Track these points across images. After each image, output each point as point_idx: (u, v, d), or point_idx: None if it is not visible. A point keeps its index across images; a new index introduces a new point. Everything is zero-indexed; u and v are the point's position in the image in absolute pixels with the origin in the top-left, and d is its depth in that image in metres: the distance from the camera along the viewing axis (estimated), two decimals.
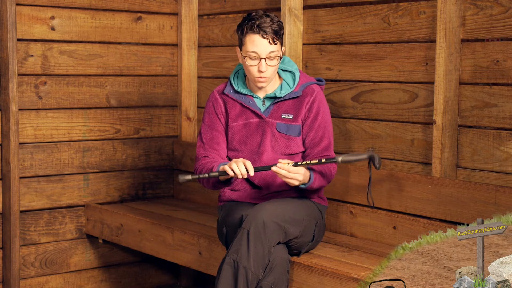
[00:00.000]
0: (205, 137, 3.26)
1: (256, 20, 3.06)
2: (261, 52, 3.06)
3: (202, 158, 3.23)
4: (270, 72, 3.11)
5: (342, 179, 3.56)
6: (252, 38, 3.06)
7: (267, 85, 3.16)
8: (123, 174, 4.47)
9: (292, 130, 3.18)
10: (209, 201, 4.40)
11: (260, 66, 3.07)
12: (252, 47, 3.07)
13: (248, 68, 3.10)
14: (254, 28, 3.05)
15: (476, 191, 3.06)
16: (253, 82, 3.15)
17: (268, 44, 3.06)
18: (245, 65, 3.11)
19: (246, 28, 3.08)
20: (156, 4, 4.52)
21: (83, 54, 4.27)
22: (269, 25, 3.05)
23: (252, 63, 3.08)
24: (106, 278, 4.46)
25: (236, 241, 2.93)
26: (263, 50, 3.06)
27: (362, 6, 3.64)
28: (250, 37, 3.07)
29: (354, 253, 3.26)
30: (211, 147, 3.24)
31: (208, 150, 3.24)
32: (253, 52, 3.06)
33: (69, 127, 4.25)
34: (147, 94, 4.52)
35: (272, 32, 3.05)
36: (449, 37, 3.20)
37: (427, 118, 3.39)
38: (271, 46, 3.06)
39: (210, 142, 3.25)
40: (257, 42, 3.06)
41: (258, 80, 3.11)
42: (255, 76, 3.11)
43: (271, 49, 3.06)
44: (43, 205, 4.20)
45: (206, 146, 3.25)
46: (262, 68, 3.07)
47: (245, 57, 3.09)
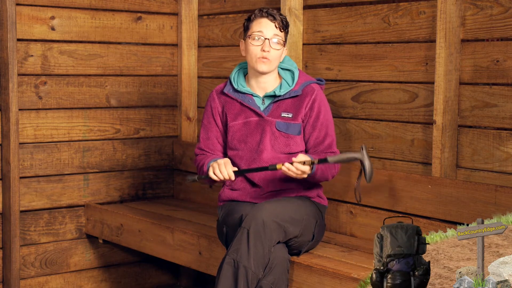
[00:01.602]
0: (202, 137, 3.34)
1: (265, 9, 3.17)
2: (267, 32, 3.13)
3: (198, 156, 3.33)
4: (273, 56, 3.14)
5: (342, 179, 3.56)
6: (260, 20, 3.15)
7: (268, 69, 3.16)
8: (123, 174, 4.47)
9: (291, 128, 3.18)
10: (209, 201, 4.40)
11: (264, 46, 3.12)
12: (258, 27, 3.14)
13: (251, 49, 3.14)
14: (263, 13, 3.15)
15: (476, 191, 3.06)
16: (255, 66, 3.15)
17: (274, 27, 3.14)
18: (248, 48, 3.16)
19: (255, 14, 3.17)
20: (156, 4, 4.52)
21: (83, 54, 4.27)
22: (277, 15, 3.16)
23: (256, 43, 3.13)
24: (106, 278, 4.46)
25: (236, 241, 2.94)
26: (269, 31, 3.13)
27: (362, 6, 3.64)
28: (257, 20, 3.16)
29: (354, 253, 3.26)
30: (207, 147, 3.32)
31: (204, 149, 3.32)
32: (259, 31, 3.13)
33: (69, 127, 4.25)
34: (147, 94, 4.52)
35: (280, 21, 3.14)
36: (449, 37, 3.20)
37: (427, 118, 3.39)
38: (277, 30, 3.14)
39: (206, 142, 3.32)
40: (264, 23, 3.13)
41: (260, 60, 3.13)
42: (257, 57, 3.13)
43: (277, 32, 3.14)
44: (43, 205, 4.20)
45: (202, 145, 3.33)
46: (265, 47, 3.11)
47: (250, 36, 3.14)
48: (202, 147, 3.32)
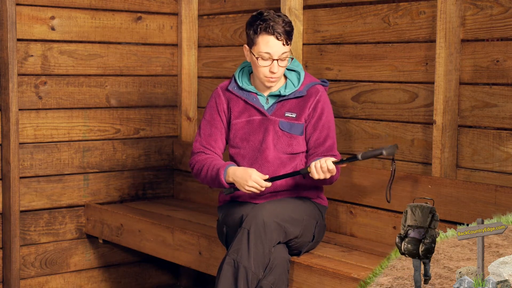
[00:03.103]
0: (204, 133, 3.27)
1: (270, 21, 3.05)
2: (274, 53, 3.06)
3: (198, 153, 3.25)
4: (280, 73, 3.12)
5: (342, 179, 3.56)
6: (266, 39, 3.05)
7: (275, 84, 3.17)
8: (123, 174, 4.47)
9: (295, 128, 3.18)
10: (209, 201, 4.40)
11: (272, 67, 3.08)
12: (266, 48, 3.06)
13: (259, 68, 3.10)
14: (269, 29, 3.04)
15: (476, 191, 3.06)
16: (262, 81, 3.15)
17: (281, 45, 3.06)
18: (255, 64, 3.11)
19: (260, 28, 3.06)
20: (156, 4, 4.52)
21: (83, 54, 4.27)
22: (282, 26, 3.05)
23: (265, 63, 3.09)
24: (106, 278, 4.46)
25: (236, 241, 2.93)
26: (276, 52, 3.06)
27: (362, 6, 3.64)
28: (263, 37, 3.06)
29: (354, 253, 3.26)
30: (208, 143, 3.25)
31: (205, 145, 3.25)
32: (267, 53, 3.06)
33: (69, 127, 4.25)
34: (147, 94, 4.52)
35: (285, 33, 3.05)
36: (449, 37, 3.20)
37: (427, 118, 3.39)
38: (284, 47, 3.06)
39: (207, 138, 3.25)
40: (271, 44, 3.05)
41: (269, 80, 3.12)
42: (265, 76, 3.11)
43: (284, 50, 3.07)
44: (43, 205, 4.20)
45: (203, 141, 3.26)
46: (274, 69, 3.07)
47: (257, 58, 3.08)
48: (204, 143, 3.25)
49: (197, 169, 3.22)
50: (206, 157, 3.21)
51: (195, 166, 3.24)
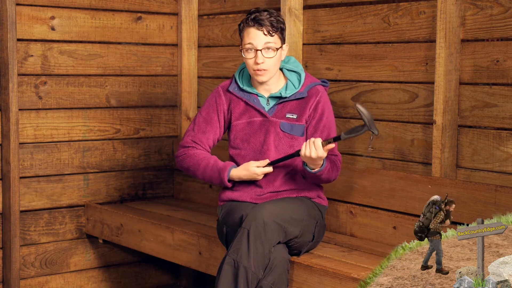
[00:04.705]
0: (198, 129, 3.27)
1: (253, 14, 3.11)
2: (257, 43, 3.09)
3: (189, 147, 3.25)
4: (268, 65, 3.11)
5: (342, 179, 3.56)
6: (248, 31, 3.11)
7: (267, 79, 3.16)
8: (123, 174, 4.47)
9: (295, 129, 3.18)
10: (209, 201, 4.40)
11: (257, 58, 3.09)
12: (248, 39, 3.11)
13: (247, 61, 3.13)
14: (250, 21, 3.10)
15: (476, 191, 3.06)
16: (253, 76, 3.17)
17: (263, 35, 3.09)
18: (244, 59, 3.15)
19: (243, 23, 3.13)
20: (156, 4, 4.52)
21: (83, 54, 4.27)
22: (265, 18, 3.09)
23: (249, 55, 3.11)
24: (106, 278, 4.46)
25: (236, 241, 2.93)
26: (258, 42, 3.09)
27: (362, 6, 3.64)
28: (246, 30, 3.12)
29: (354, 253, 3.26)
30: (200, 140, 3.25)
31: (196, 141, 3.25)
32: (249, 43, 3.10)
33: (69, 127, 4.25)
34: (147, 94, 4.52)
35: (268, 25, 3.09)
36: (449, 37, 3.20)
37: (427, 118, 3.39)
38: (267, 37, 3.09)
39: (200, 135, 3.26)
40: (252, 34, 3.09)
41: (256, 73, 3.13)
42: (253, 69, 3.12)
43: (267, 40, 3.09)
44: (43, 205, 4.20)
45: (195, 137, 3.26)
46: (258, 60, 3.09)
47: (242, 49, 3.12)
48: (195, 139, 3.25)
49: (188, 163, 3.23)
50: (199, 153, 3.22)
51: (185, 159, 3.23)
